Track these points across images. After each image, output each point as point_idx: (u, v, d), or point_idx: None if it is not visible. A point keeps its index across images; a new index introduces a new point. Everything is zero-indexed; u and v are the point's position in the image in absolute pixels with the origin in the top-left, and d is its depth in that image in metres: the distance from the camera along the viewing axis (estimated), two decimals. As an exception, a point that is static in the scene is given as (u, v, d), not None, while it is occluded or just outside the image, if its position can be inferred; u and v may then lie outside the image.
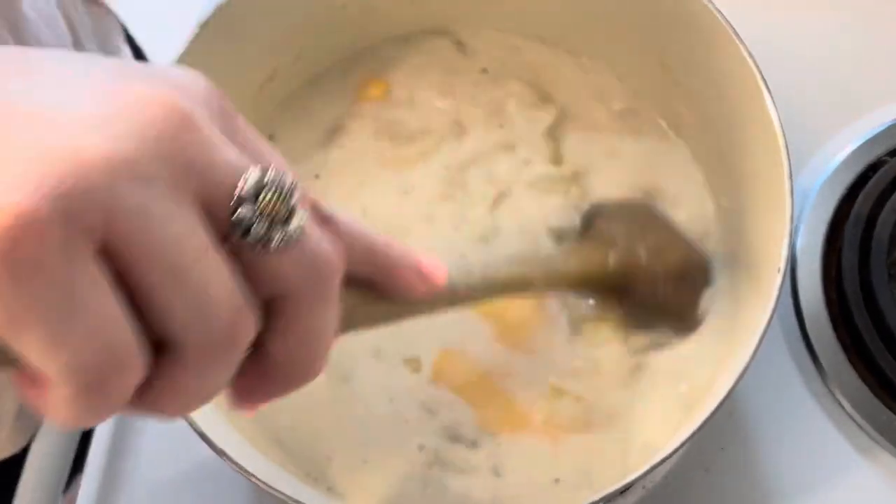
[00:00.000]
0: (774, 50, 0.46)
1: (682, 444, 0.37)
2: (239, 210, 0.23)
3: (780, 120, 0.41)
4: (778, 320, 0.53)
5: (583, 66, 0.53)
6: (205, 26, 0.44)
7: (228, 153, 0.23)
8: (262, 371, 0.26)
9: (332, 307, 0.26)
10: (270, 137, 0.51)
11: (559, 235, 0.50)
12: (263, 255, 0.23)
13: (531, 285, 0.43)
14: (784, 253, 0.39)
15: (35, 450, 0.52)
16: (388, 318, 0.32)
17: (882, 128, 0.57)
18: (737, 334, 0.44)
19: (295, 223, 0.24)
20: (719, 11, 0.42)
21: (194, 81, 0.25)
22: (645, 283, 0.46)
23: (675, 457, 0.38)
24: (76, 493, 0.53)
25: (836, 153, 0.57)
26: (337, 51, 0.52)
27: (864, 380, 0.51)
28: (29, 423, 0.55)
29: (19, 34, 0.48)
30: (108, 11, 0.61)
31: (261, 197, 0.23)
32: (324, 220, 0.26)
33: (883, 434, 0.50)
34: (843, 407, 0.51)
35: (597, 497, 0.37)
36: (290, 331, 0.25)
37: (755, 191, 0.44)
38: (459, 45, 0.54)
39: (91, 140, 0.20)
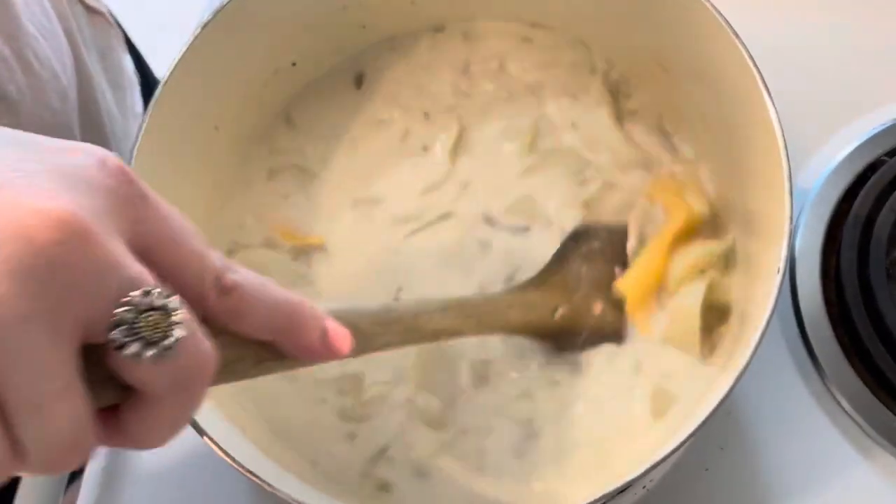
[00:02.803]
0: (774, 50, 0.46)
1: (682, 444, 0.37)
2: (115, 331, 0.24)
3: (779, 120, 0.41)
4: (777, 320, 0.53)
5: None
6: (206, 28, 0.44)
7: (117, 267, 0.24)
8: (117, 429, 0.26)
9: (195, 403, 0.26)
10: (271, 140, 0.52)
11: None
12: (134, 365, 0.24)
13: (461, 333, 0.42)
14: (783, 253, 0.39)
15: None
16: (287, 368, 0.31)
17: (881, 128, 0.57)
18: (736, 333, 0.44)
19: (170, 340, 0.24)
20: (718, 12, 0.42)
21: (100, 166, 0.25)
22: (583, 326, 0.46)
23: (674, 456, 0.38)
24: (76, 494, 0.53)
25: (836, 153, 0.57)
26: (338, 52, 0.52)
27: (862, 379, 0.51)
28: None
29: (18, 48, 0.48)
30: (109, 21, 0.61)
31: (140, 318, 0.24)
32: (225, 290, 0.27)
33: (881, 433, 0.50)
34: (841, 406, 0.51)
35: (596, 496, 0.37)
36: (148, 418, 0.26)
37: (754, 191, 0.44)
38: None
39: None
